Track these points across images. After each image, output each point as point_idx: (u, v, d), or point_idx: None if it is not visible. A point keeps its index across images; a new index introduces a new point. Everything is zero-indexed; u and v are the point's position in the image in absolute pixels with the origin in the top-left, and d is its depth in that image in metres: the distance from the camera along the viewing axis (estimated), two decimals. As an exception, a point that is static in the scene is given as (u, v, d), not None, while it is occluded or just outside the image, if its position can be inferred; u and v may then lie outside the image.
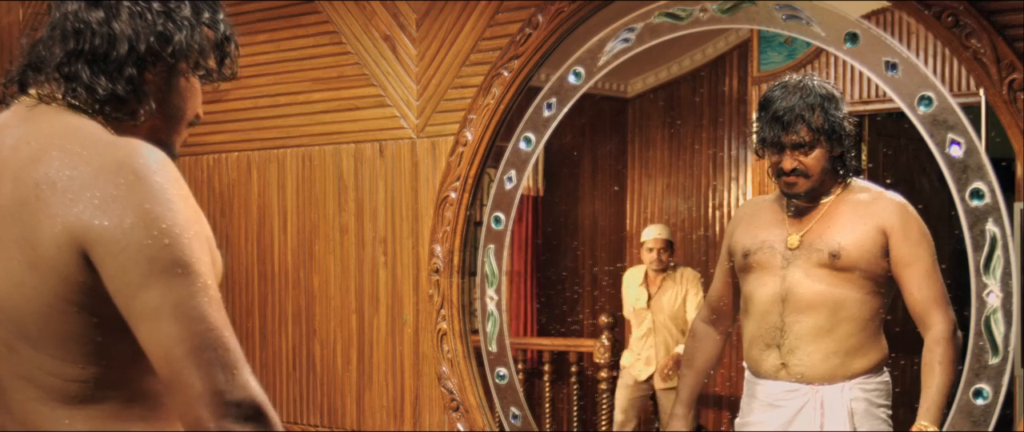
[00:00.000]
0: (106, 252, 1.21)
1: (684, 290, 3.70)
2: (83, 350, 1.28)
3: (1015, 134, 2.20)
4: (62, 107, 1.34)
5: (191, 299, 1.21)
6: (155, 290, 1.20)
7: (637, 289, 3.73)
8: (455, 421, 3.00)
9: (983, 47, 2.22)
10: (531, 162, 2.90)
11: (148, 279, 1.20)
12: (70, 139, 1.28)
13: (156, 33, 1.35)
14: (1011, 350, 2.24)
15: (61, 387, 1.29)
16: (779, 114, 2.41)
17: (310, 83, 3.29)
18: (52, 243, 1.23)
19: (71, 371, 1.29)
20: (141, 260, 1.20)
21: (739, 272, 2.58)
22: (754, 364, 2.55)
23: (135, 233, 1.20)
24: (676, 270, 3.70)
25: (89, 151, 1.25)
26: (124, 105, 1.35)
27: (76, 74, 1.33)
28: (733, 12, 2.55)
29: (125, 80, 1.34)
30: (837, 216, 2.45)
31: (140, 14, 1.34)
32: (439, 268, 3.00)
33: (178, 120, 1.44)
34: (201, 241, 1.26)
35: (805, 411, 2.45)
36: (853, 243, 2.39)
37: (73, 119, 1.32)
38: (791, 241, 2.47)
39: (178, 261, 1.21)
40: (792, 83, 2.44)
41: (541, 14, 2.78)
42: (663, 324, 3.65)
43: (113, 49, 1.33)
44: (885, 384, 2.48)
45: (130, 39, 1.33)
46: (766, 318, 2.49)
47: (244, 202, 3.45)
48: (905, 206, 2.43)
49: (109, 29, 1.33)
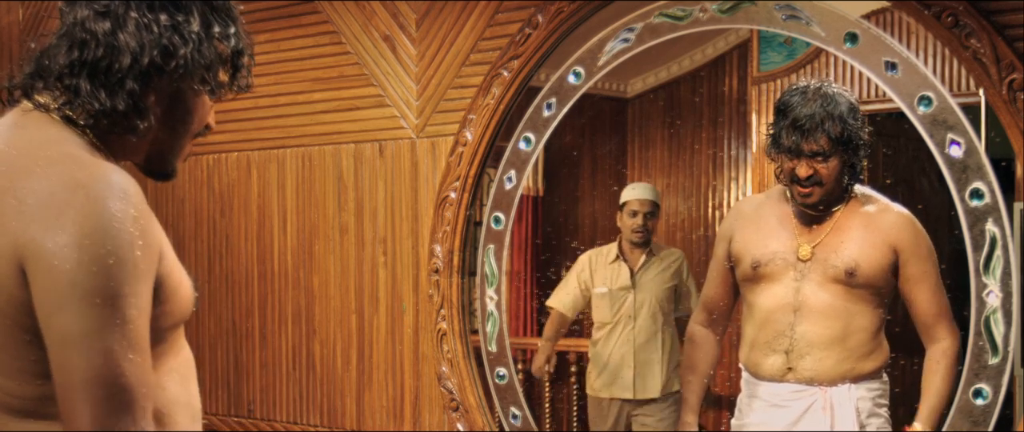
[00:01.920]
0: (37, 269, 1.18)
1: (671, 272, 3.30)
2: (21, 366, 1.25)
3: (1015, 134, 2.20)
4: (53, 118, 1.31)
5: (101, 332, 1.16)
6: (69, 315, 1.16)
7: (609, 267, 3.34)
8: (455, 421, 3.00)
9: (983, 47, 2.22)
10: (531, 162, 2.89)
11: (66, 302, 1.16)
12: (43, 151, 1.25)
13: (161, 47, 1.31)
14: (1011, 350, 2.24)
15: (6, 402, 1.27)
16: (800, 121, 2.36)
17: (310, 83, 3.29)
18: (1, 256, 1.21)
19: (10, 386, 1.26)
20: (64, 282, 1.17)
21: (745, 281, 2.55)
22: (754, 366, 2.54)
23: (66, 253, 1.17)
24: (659, 250, 3.37)
25: (55, 167, 1.23)
26: (124, 119, 1.32)
27: (77, 86, 1.30)
28: (733, 12, 2.55)
29: (126, 94, 1.30)
30: (849, 230, 2.43)
31: (147, 26, 1.31)
32: (439, 268, 3.00)
33: (183, 134, 1.41)
34: (140, 275, 1.20)
35: (812, 411, 2.45)
36: (867, 261, 2.39)
37: (56, 131, 1.30)
38: (802, 252, 2.45)
39: (101, 291, 1.17)
40: (811, 89, 2.40)
41: (541, 14, 2.78)
42: (648, 309, 3.30)
43: (115, 62, 1.30)
44: (885, 385, 2.49)
45: (134, 52, 1.30)
46: (772, 324, 2.48)
47: (244, 202, 3.45)
48: (913, 222, 2.42)
49: (114, 41, 1.30)
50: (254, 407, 3.46)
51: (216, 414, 3.50)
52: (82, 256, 1.17)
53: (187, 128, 1.41)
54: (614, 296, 3.30)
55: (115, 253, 1.18)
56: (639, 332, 3.30)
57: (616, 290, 3.30)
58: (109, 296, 1.17)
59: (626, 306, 3.30)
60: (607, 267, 3.30)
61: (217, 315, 3.50)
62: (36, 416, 1.27)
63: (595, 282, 3.36)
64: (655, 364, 3.33)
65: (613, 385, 3.36)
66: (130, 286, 1.19)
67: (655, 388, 3.32)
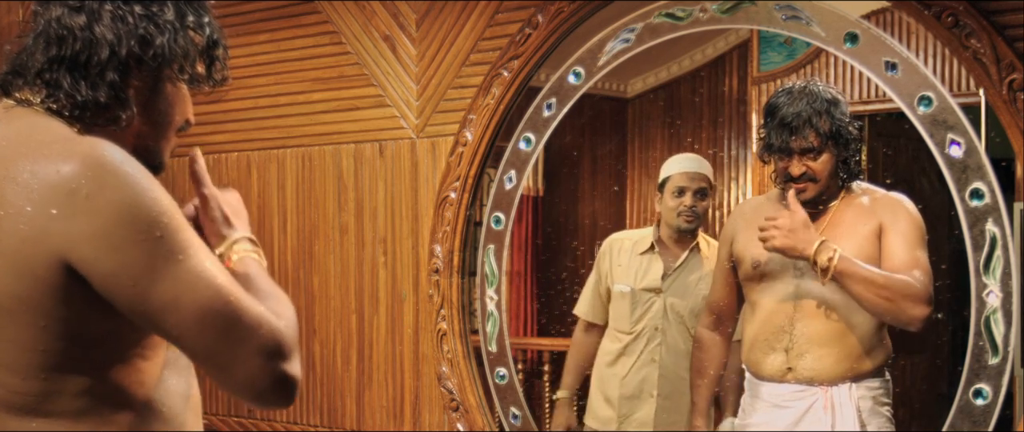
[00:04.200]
0: (94, 253, 1.19)
1: (706, 271, 2.55)
2: (27, 360, 1.25)
3: (1015, 134, 2.20)
4: (38, 110, 1.32)
5: (204, 276, 1.21)
6: (166, 282, 1.19)
7: (637, 259, 2.58)
8: (455, 421, 3.00)
9: (983, 47, 2.22)
10: (531, 162, 2.89)
11: (154, 274, 1.19)
12: (35, 135, 1.26)
13: (137, 37, 1.32)
14: (1011, 350, 2.24)
15: (8, 398, 1.27)
16: (787, 120, 2.41)
17: (310, 83, 3.29)
18: (14, 238, 1.21)
19: (13, 382, 1.26)
20: (140, 257, 1.19)
21: (746, 281, 2.57)
22: (755, 366, 2.54)
23: (122, 230, 1.18)
24: (709, 246, 2.64)
25: (51, 148, 1.24)
26: (106, 111, 1.33)
27: (57, 81, 1.31)
28: (733, 12, 2.55)
29: (107, 86, 1.32)
30: (842, 224, 2.44)
31: (122, 18, 1.32)
32: (439, 268, 3.00)
33: (165, 126, 1.42)
34: (183, 219, 1.25)
35: (813, 411, 2.45)
36: (862, 253, 2.39)
37: (43, 120, 1.31)
38: None
39: (177, 247, 1.20)
40: (797, 88, 2.45)
41: (541, 14, 2.78)
42: (681, 322, 2.59)
43: (94, 54, 1.31)
44: (887, 384, 2.49)
45: (111, 44, 1.31)
46: (771, 321, 2.49)
47: (244, 202, 3.44)
48: (900, 201, 2.43)
49: (90, 34, 1.31)
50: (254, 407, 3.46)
51: (216, 414, 3.50)
52: (139, 225, 1.19)
53: (169, 120, 1.42)
54: (637, 298, 2.61)
55: (162, 211, 1.21)
56: (668, 350, 2.60)
57: (641, 291, 2.62)
58: (185, 248, 1.21)
59: (652, 313, 2.62)
60: (635, 259, 2.60)
61: (217, 315, 3.50)
62: (38, 414, 1.27)
63: (615, 276, 2.67)
64: (686, 394, 2.62)
65: (628, 419, 2.63)
66: (187, 230, 1.24)
67: (685, 422, 2.56)
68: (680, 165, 2.70)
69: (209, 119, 3.36)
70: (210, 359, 1.23)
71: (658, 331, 2.58)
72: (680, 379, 2.58)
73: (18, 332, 1.24)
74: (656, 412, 2.55)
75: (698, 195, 2.69)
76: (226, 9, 3.33)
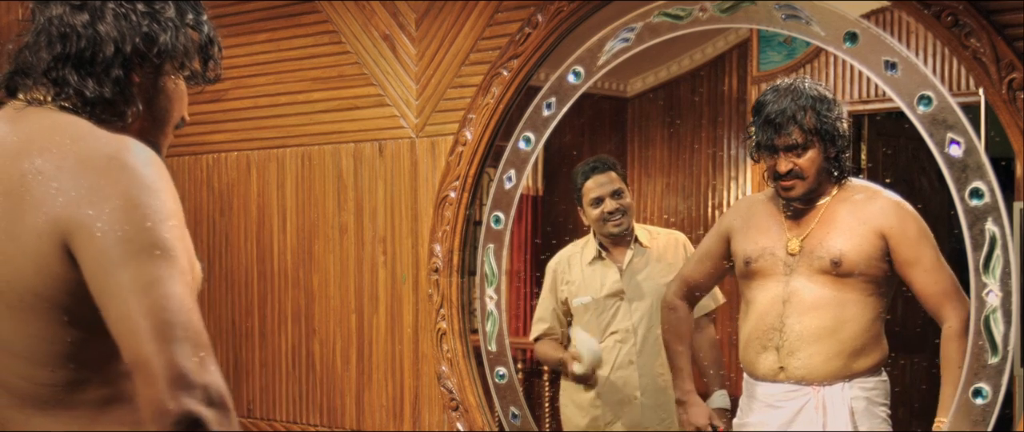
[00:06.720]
0: (87, 236, 1.20)
1: (669, 259, 2.65)
2: (52, 351, 1.26)
3: (1015, 134, 2.20)
4: (52, 107, 1.34)
5: (167, 279, 1.18)
6: (129, 269, 1.18)
7: (588, 270, 2.67)
8: (455, 421, 3.00)
9: (983, 47, 2.22)
10: (531, 162, 2.89)
11: (124, 259, 1.18)
12: (59, 133, 1.28)
13: (141, 34, 1.35)
14: (1010, 350, 2.23)
15: (32, 391, 1.28)
16: (771, 117, 2.43)
17: (310, 83, 3.29)
18: (32, 233, 1.22)
19: (41, 374, 1.27)
20: (119, 241, 1.19)
21: (740, 278, 2.58)
22: (750, 366, 2.54)
23: (116, 216, 1.19)
24: (649, 235, 2.70)
25: (78, 145, 1.25)
26: (112, 107, 1.35)
27: (64, 78, 1.33)
28: (733, 12, 2.55)
29: (112, 82, 1.34)
30: (835, 219, 2.45)
31: (125, 16, 1.34)
32: (438, 268, 3.00)
33: (165, 122, 1.44)
34: (183, 233, 1.25)
35: (805, 411, 2.45)
36: (853, 249, 2.39)
37: (61, 117, 1.32)
38: (791, 246, 2.47)
39: (156, 244, 1.20)
40: (783, 86, 2.48)
41: (541, 13, 2.78)
42: (650, 316, 2.61)
43: (99, 51, 1.33)
44: (884, 383, 2.48)
45: (115, 41, 1.33)
46: (764, 319, 2.49)
47: (244, 202, 3.45)
48: (900, 204, 2.43)
49: (94, 32, 1.33)
50: (254, 406, 3.46)
51: (216, 414, 3.50)
52: (132, 214, 1.20)
53: (169, 115, 1.45)
54: (602, 306, 2.66)
55: (161, 210, 1.22)
56: (643, 349, 2.65)
57: (604, 299, 2.67)
58: (165, 247, 1.20)
59: (619, 318, 2.66)
60: (586, 270, 2.67)
61: (217, 314, 3.50)
62: (63, 405, 1.28)
63: (572, 291, 2.69)
64: (667, 392, 2.65)
65: (614, 423, 2.66)
66: (180, 240, 1.23)
67: (673, 420, 2.60)
68: (586, 175, 2.72)
69: (209, 119, 3.36)
70: (135, 357, 1.19)
71: (630, 332, 2.66)
72: (659, 376, 2.64)
73: (42, 327, 1.25)
74: (642, 411, 2.62)
75: (615, 196, 2.73)
76: (226, 9, 3.33)
